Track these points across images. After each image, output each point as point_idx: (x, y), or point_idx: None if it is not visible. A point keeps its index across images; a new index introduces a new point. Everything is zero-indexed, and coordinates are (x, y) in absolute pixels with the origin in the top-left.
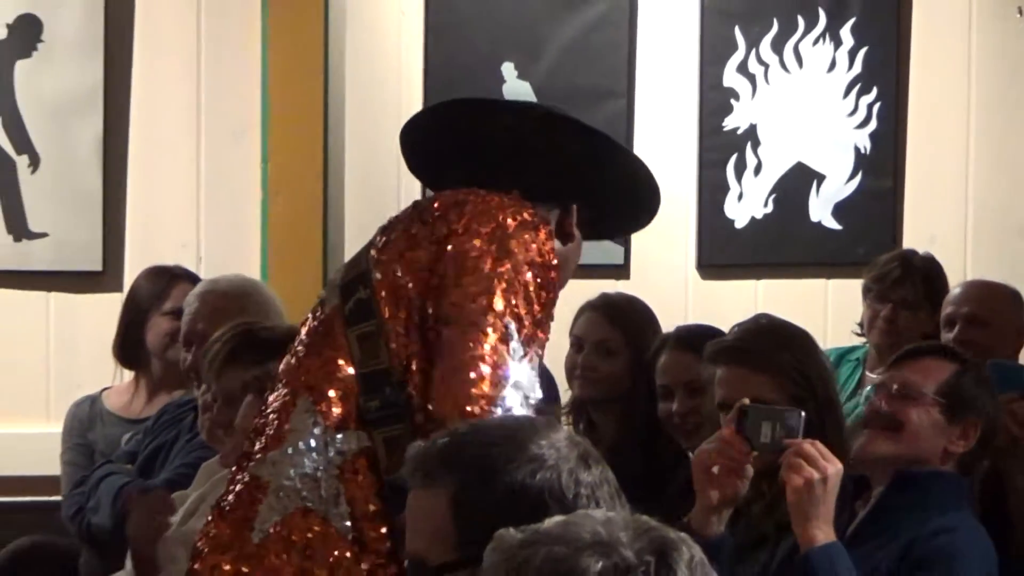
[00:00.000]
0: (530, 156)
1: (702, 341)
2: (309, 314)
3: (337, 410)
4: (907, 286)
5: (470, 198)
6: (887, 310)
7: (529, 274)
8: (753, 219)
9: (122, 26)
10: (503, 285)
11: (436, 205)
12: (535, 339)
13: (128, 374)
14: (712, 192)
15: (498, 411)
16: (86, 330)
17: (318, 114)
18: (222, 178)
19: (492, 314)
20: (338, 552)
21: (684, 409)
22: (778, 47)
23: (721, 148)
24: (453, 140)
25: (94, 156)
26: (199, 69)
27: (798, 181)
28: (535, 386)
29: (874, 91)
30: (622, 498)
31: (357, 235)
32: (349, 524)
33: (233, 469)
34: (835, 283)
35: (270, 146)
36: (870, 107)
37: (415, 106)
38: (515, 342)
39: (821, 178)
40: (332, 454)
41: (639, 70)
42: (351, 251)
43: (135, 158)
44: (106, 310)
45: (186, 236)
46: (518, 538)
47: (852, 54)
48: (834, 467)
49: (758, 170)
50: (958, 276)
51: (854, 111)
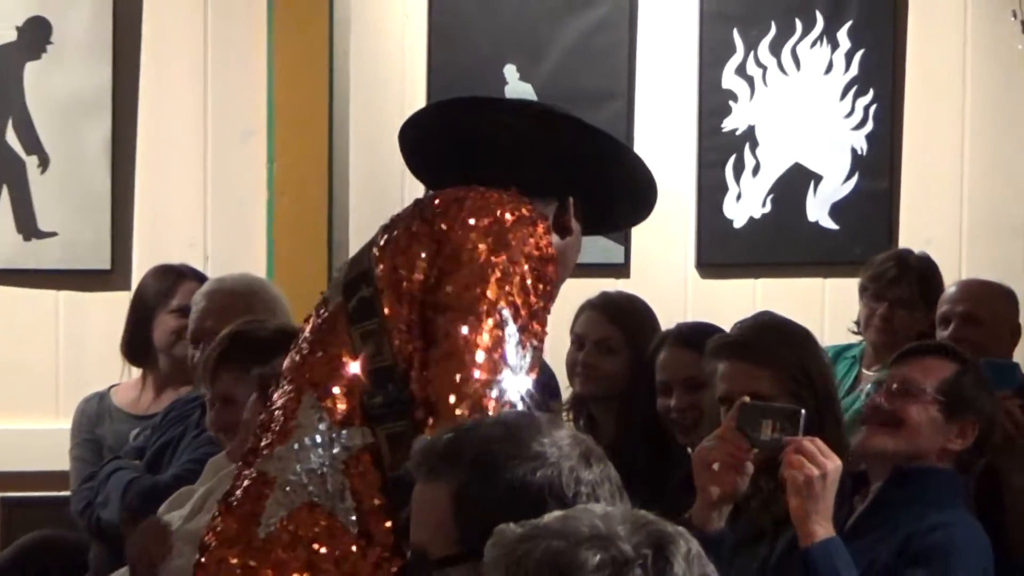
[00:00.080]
0: (528, 151)
1: (701, 338)
2: (313, 312)
3: (342, 406)
4: (903, 285)
5: (470, 194)
6: (883, 308)
7: (526, 266)
8: (751, 219)
9: (130, 29)
10: (497, 275)
11: (436, 202)
12: (531, 329)
13: (136, 371)
14: (711, 192)
15: (493, 394)
16: (95, 328)
17: (323, 116)
18: (229, 178)
19: (486, 302)
20: (344, 546)
21: (682, 405)
22: (776, 50)
23: (720, 149)
24: (452, 138)
25: (103, 156)
26: (206, 71)
27: (796, 182)
28: (531, 371)
29: (870, 93)
30: (624, 496)
31: (361, 234)
32: (355, 518)
33: (240, 465)
34: (832, 282)
35: (276, 147)
36: (866, 109)
37: (418, 107)
38: (510, 327)
39: (818, 179)
40: (337, 450)
41: (639, 72)
42: (355, 249)
43: (143, 158)
44: (114, 308)
45: (193, 235)
46: (518, 533)
47: (849, 57)
48: (833, 463)
49: (756, 171)
50: (953, 275)
51: (851, 113)
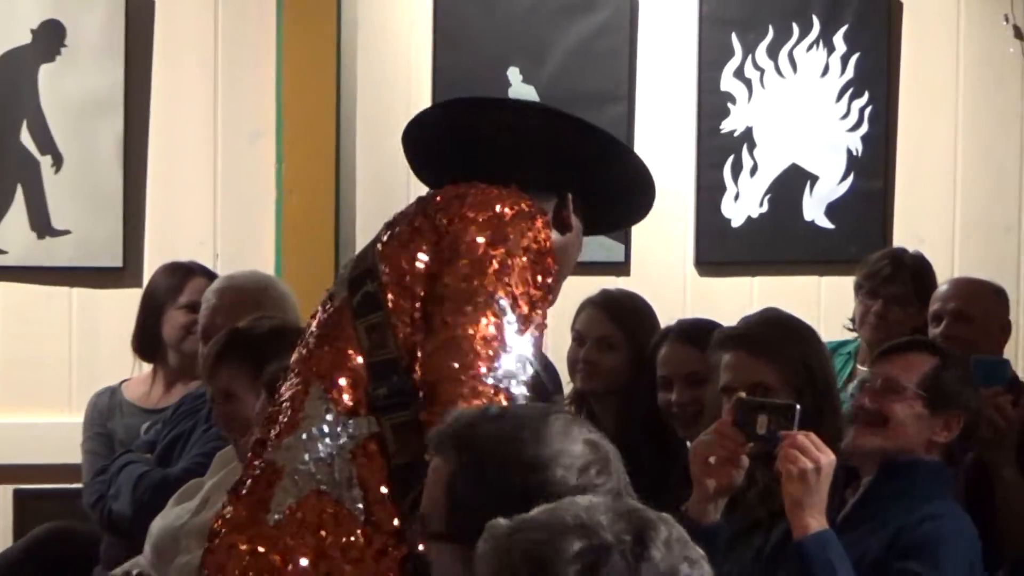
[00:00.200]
0: (528, 150)
1: (702, 334)
2: (319, 307)
3: (348, 397)
4: (897, 283)
5: (471, 190)
6: (878, 306)
7: (524, 258)
8: (749, 218)
9: (142, 32)
10: (495, 266)
11: (438, 199)
12: (531, 319)
13: (147, 366)
14: (710, 192)
15: (490, 381)
16: (107, 324)
17: (331, 117)
18: (238, 178)
19: (484, 292)
20: (351, 533)
21: (683, 399)
22: (773, 53)
23: (718, 150)
24: (454, 138)
25: (115, 156)
26: (216, 73)
27: (792, 182)
28: (532, 357)
29: (866, 95)
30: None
31: (367, 232)
32: (361, 506)
33: (249, 456)
34: (828, 280)
35: (284, 147)
36: (862, 111)
37: (424, 108)
38: (509, 316)
39: (814, 179)
40: (344, 439)
41: (640, 75)
42: (362, 247)
43: (154, 158)
44: (126, 305)
45: (203, 234)
46: (506, 526)
47: (844, 60)
48: (827, 457)
49: (754, 171)
50: (946, 274)
51: (846, 115)
